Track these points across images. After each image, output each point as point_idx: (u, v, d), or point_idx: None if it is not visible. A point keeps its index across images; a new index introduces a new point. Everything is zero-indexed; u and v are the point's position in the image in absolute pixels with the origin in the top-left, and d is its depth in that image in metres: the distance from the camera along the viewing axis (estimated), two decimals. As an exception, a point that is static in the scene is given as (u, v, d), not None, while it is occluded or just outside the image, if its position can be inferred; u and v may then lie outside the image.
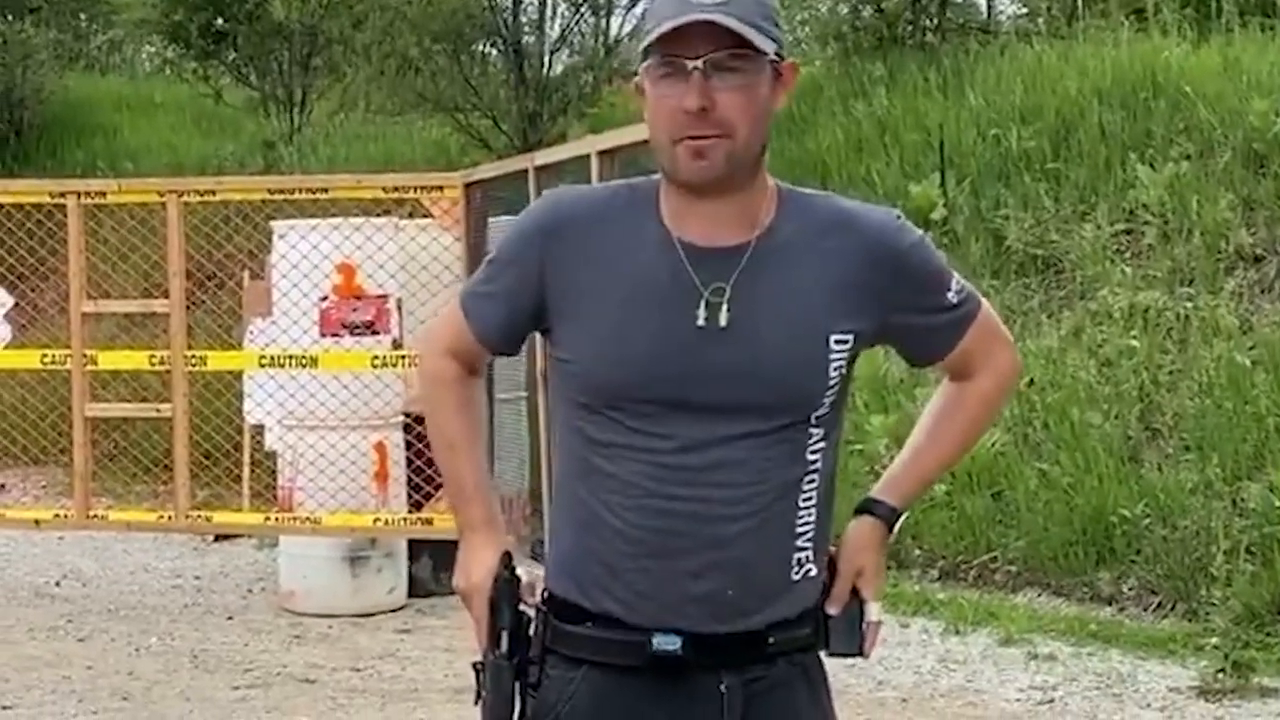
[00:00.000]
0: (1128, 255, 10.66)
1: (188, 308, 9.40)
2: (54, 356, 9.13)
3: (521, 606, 2.75)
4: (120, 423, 11.97)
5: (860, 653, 2.79)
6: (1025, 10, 16.36)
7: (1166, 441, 9.31)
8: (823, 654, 2.78)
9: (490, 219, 8.81)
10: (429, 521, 8.86)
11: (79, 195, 8.98)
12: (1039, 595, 8.95)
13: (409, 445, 9.28)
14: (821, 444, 2.67)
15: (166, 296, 9.15)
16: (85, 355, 8.89)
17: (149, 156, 17.93)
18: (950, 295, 2.76)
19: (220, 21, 18.23)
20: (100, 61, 23.85)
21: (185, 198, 9.08)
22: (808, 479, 2.66)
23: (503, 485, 8.46)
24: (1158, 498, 8.82)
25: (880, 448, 9.53)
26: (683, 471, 2.60)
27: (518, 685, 2.72)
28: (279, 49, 18.13)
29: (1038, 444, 9.51)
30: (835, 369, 2.65)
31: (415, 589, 9.57)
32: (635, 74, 2.68)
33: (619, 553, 2.64)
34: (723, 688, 2.65)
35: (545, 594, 2.75)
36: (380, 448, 9.28)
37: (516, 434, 8.89)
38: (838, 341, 2.64)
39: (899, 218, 2.77)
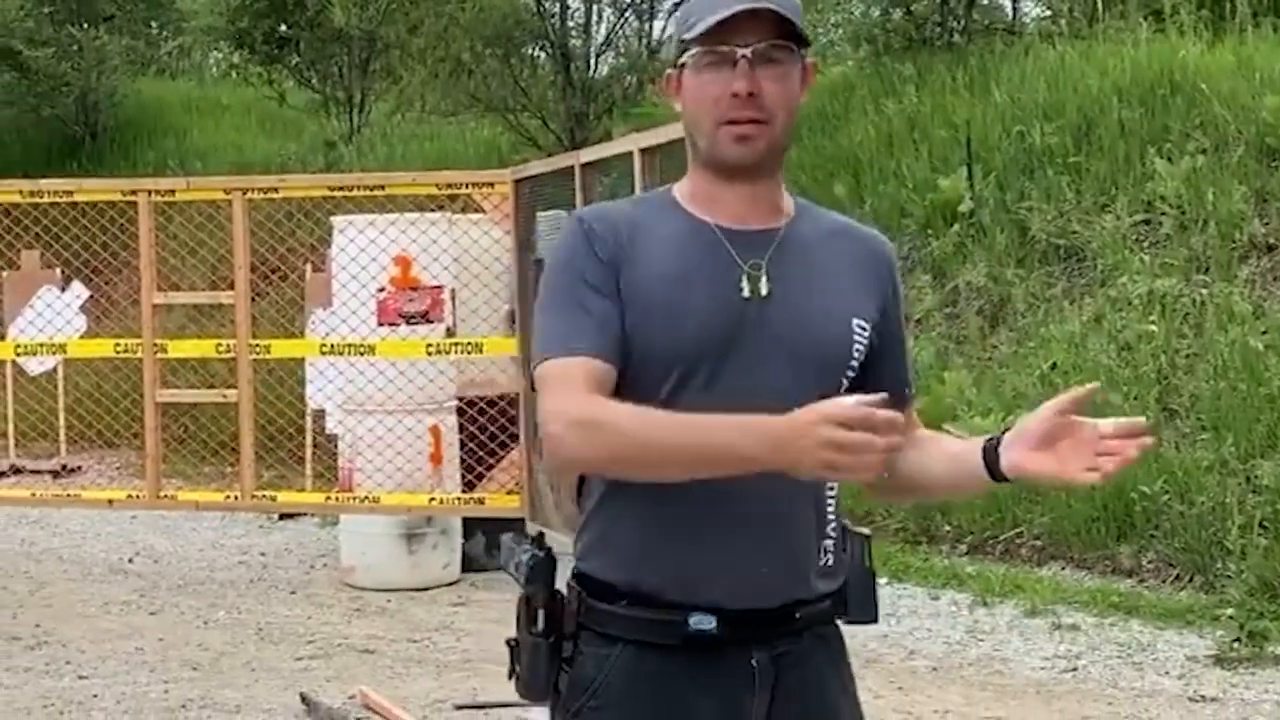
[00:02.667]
0: (1146, 245, 10.60)
1: (252, 299, 9.43)
2: (126, 346, 9.17)
3: (556, 587, 2.69)
4: (189, 408, 12.02)
5: (875, 620, 2.76)
6: (1048, 12, 16.24)
7: (1184, 422, 9.26)
8: (841, 623, 2.74)
9: (538, 214, 8.80)
10: (481, 501, 8.87)
11: (149, 193, 9.00)
12: (1063, 568, 8.92)
13: (462, 428, 9.29)
14: None
15: (232, 288, 9.17)
16: (156, 344, 8.92)
17: (216, 156, 18.01)
18: (909, 347, 2.83)
19: (284, 28, 18.28)
20: (170, 67, 23.92)
21: (250, 195, 9.10)
22: None
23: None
24: (1175, 475, 8.77)
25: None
26: None
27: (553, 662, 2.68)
28: (339, 54, 18.18)
29: (1060, 425, 9.45)
30: (857, 350, 2.65)
31: (469, 564, 9.58)
32: (670, 69, 2.67)
33: (656, 530, 2.59)
34: (754, 663, 2.61)
35: (575, 572, 2.68)
36: (435, 430, 9.29)
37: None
38: (859, 324, 2.65)
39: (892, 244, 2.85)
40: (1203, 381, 9.33)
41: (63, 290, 11.51)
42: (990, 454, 2.60)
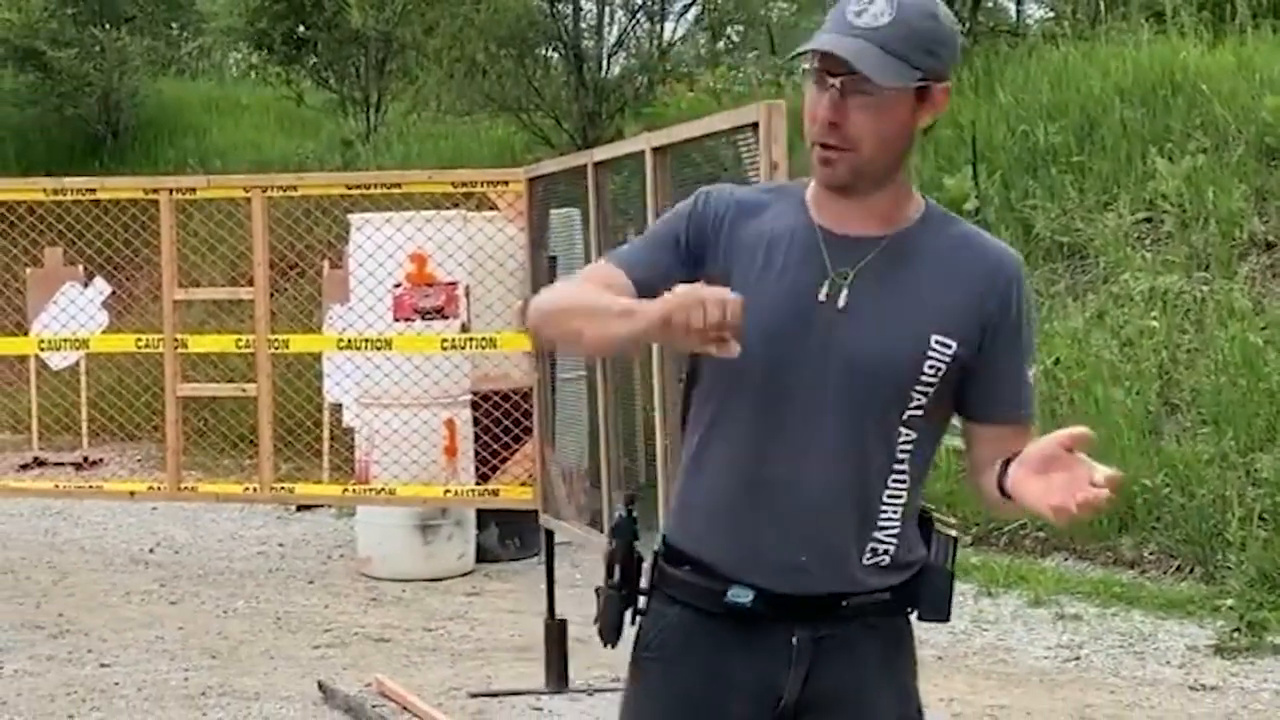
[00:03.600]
0: (1148, 242, 10.59)
1: (271, 295, 9.39)
2: (148, 340, 9.13)
3: (635, 544, 2.85)
4: (209, 402, 12.01)
5: (946, 619, 2.78)
6: (1051, 14, 16.23)
7: (1185, 416, 9.25)
8: (914, 618, 2.78)
9: (551, 211, 8.78)
10: (495, 493, 8.84)
11: (170, 191, 8.97)
12: (1066, 560, 8.91)
13: (476, 422, 9.30)
14: (910, 446, 2.67)
15: (252, 284, 9.15)
16: (176, 339, 8.90)
17: (236, 154, 17.99)
18: (1029, 375, 2.74)
19: (302, 29, 18.24)
20: (191, 67, 23.89)
21: (269, 193, 9.06)
22: (895, 476, 2.67)
23: (563, 459, 8.44)
24: (1176, 468, 8.77)
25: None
26: (779, 446, 2.64)
27: (628, 612, 2.83)
28: (356, 54, 18.14)
29: (1064, 418, 9.44)
30: (931, 368, 2.64)
31: (483, 555, 9.60)
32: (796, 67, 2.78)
33: (714, 508, 2.70)
34: (794, 640, 2.68)
35: (661, 535, 2.82)
36: (450, 424, 9.29)
37: (577, 412, 8.88)
38: (939, 343, 2.63)
39: (1022, 263, 2.79)
40: (1203, 376, 9.32)
41: (85, 287, 11.50)
42: (1003, 470, 2.64)
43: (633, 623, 2.83)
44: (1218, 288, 9.85)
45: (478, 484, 9.15)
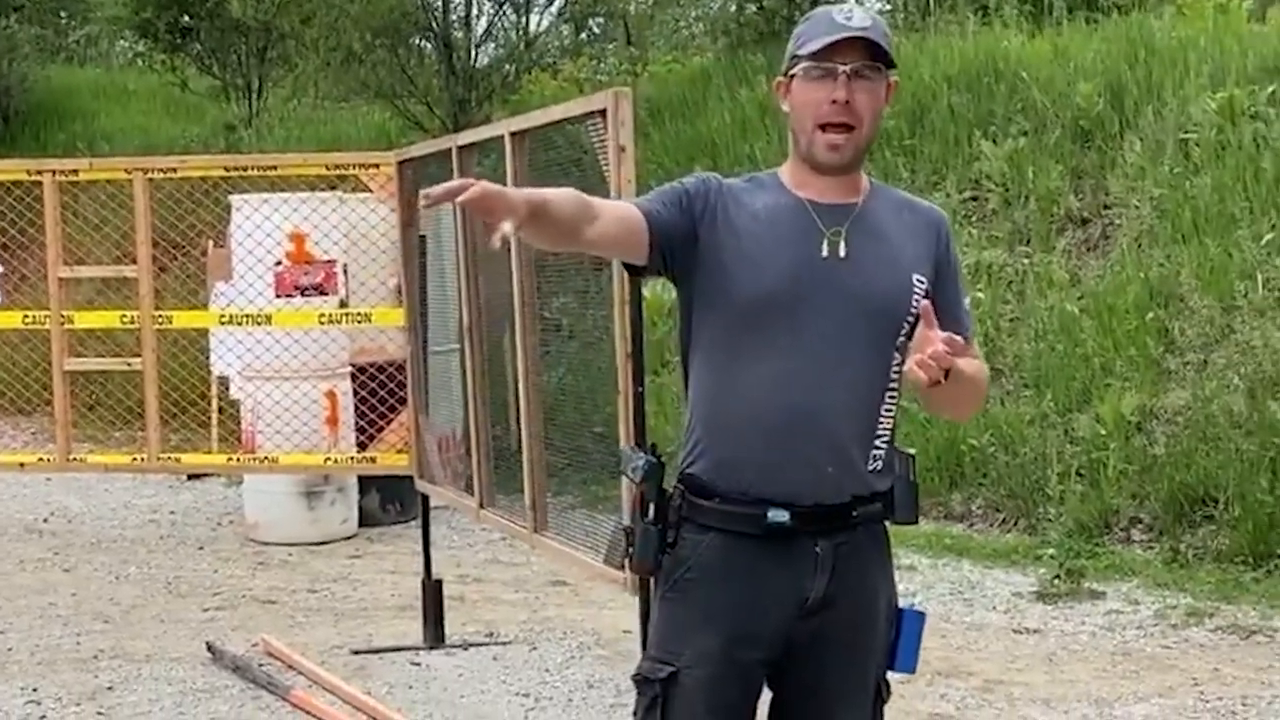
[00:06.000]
0: (974, 219, 10.69)
1: (159, 273, 9.22)
2: (34, 317, 8.91)
3: (663, 486, 3.09)
4: (99, 376, 11.74)
5: (915, 521, 3.10)
6: (887, 7, 16.31)
7: (1008, 380, 9.36)
8: (888, 524, 3.11)
9: (421, 191, 8.67)
10: (373, 460, 8.75)
11: (54, 173, 8.72)
12: (901, 514, 8.97)
13: (356, 393, 9.18)
14: (898, 368, 3.00)
15: (136, 263, 8.95)
16: (63, 316, 8.68)
17: (123, 139, 17.59)
18: (965, 302, 3.15)
19: (185, 18, 17.87)
20: (79, 54, 23.35)
21: (150, 175, 8.84)
22: (889, 393, 3.02)
23: (436, 428, 8.37)
24: (1001, 429, 8.87)
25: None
26: (805, 377, 2.94)
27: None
28: (238, 43, 17.83)
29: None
30: (914, 302, 2.98)
31: (365, 520, 9.51)
32: (781, 77, 3.07)
33: (749, 442, 2.97)
34: (817, 549, 3.01)
35: (680, 475, 3.07)
36: (331, 395, 9.17)
37: (447, 382, 8.80)
38: (917, 280, 3.01)
39: (946, 215, 3.21)
40: (1025, 343, 9.44)
41: (-23, 267, 11.18)
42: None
43: (663, 553, 3.06)
44: (1038, 261, 9.97)
45: (358, 452, 9.04)
